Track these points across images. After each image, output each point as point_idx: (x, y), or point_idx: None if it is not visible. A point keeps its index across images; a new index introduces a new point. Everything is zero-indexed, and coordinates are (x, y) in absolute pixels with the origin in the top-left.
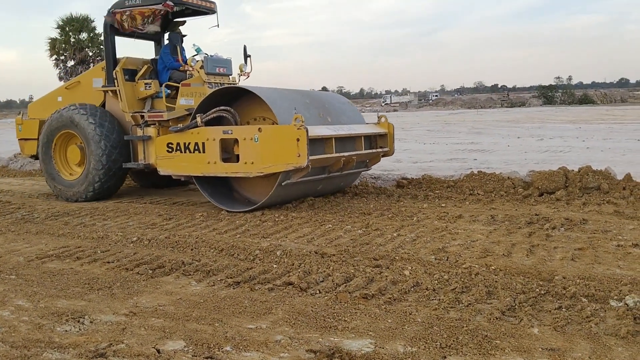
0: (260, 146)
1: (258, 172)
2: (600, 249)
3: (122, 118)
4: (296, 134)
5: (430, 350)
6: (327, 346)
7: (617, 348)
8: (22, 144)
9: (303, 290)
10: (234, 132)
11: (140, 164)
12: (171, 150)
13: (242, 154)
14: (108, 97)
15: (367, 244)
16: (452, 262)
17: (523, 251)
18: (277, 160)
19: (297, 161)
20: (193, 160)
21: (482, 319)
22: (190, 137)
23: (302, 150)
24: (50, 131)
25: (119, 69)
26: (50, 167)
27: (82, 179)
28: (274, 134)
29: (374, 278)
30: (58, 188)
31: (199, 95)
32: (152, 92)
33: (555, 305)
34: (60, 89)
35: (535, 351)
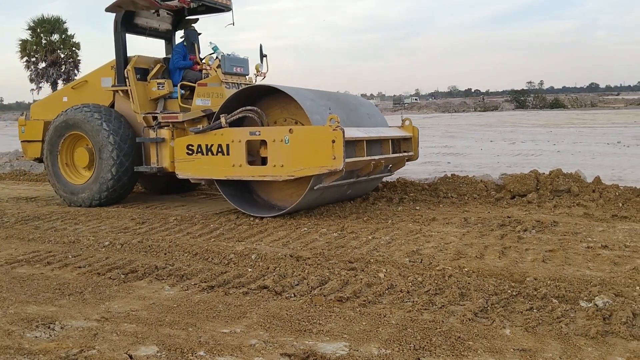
0: (291, 148)
1: (288, 175)
2: (571, 251)
3: (133, 119)
4: (331, 135)
5: (404, 352)
6: (302, 349)
7: (587, 348)
8: (25, 147)
9: (278, 294)
10: (262, 133)
11: (153, 167)
12: (191, 153)
13: (271, 156)
14: (118, 97)
15: (342, 247)
16: (426, 264)
17: (495, 253)
18: (309, 163)
19: (332, 164)
20: (216, 163)
21: (455, 321)
22: (213, 138)
23: (337, 153)
24: (57, 133)
25: (131, 68)
26: (55, 171)
27: (90, 184)
28: (306, 135)
29: (349, 281)
30: (64, 193)
31: (216, 95)
32: (165, 93)
33: (527, 306)
34: (66, 89)
35: (507, 352)
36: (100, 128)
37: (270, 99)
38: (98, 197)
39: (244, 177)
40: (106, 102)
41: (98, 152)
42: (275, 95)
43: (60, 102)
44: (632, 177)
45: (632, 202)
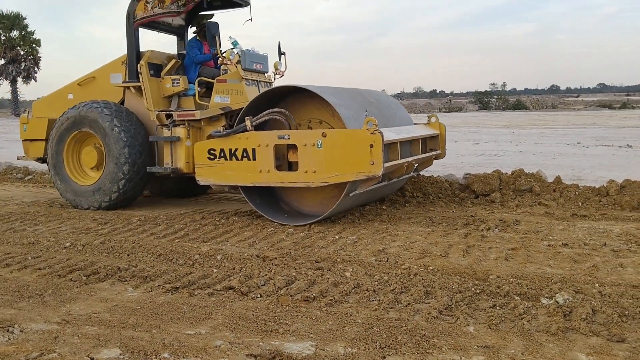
0: (325, 153)
1: (321, 182)
2: (532, 249)
3: (145, 117)
4: (369, 139)
5: (370, 351)
6: (268, 350)
7: (548, 344)
8: (27, 146)
9: (244, 295)
10: (292, 137)
11: (167, 168)
12: (213, 158)
13: (302, 161)
14: (129, 94)
15: (309, 246)
16: (392, 263)
17: (459, 252)
18: (345, 168)
19: (370, 170)
20: (241, 169)
21: (421, 319)
22: (238, 142)
23: (376, 158)
24: (63, 131)
25: (144, 63)
26: (61, 171)
27: (99, 185)
28: (342, 139)
29: (315, 280)
30: (70, 195)
31: (235, 92)
32: (180, 89)
33: (490, 303)
34: (71, 86)
35: (471, 349)
36: (111, 124)
37: (292, 99)
38: (108, 199)
39: (272, 184)
40: (115, 99)
41: (108, 150)
42: (297, 95)
43: (64, 100)
44: (591, 177)
45: (591, 201)
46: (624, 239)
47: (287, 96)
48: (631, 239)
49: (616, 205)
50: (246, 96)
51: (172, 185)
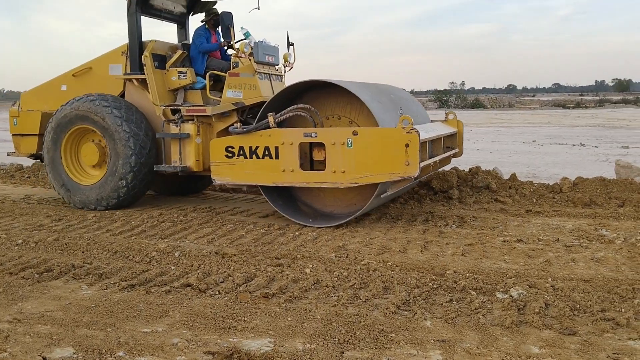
0: (355, 152)
1: (351, 182)
2: (488, 245)
3: (149, 112)
4: (405, 138)
5: (328, 347)
6: (226, 347)
7: (503, 338)
8: (18, 141)
9: (202, 292)
10: (320, 135)
11: (176, 167)
12: (231, 155)
13: (330, 160)
14: (130, 87)
15: (269, 243)
16: (352, 259)
17: (418, 247)
18: (377, 169)
19: (405, 171)
20: (262, 168)
21: (379, 314)
22: (259, 140)
23: (412, 158)
24: (60, 126)
25: (148, 54)
26: (58, 169)
27: (103, 183)
28: (374, 138)
29: (275, 277)
30: (69, 194)
31: (248, 87)
32: (187, 82)
33: (447, 298)
34: (65, 76)
35: (428, 343)
36: (116, 120)
37: (313, 94)
38: (116, 196)
39: (296, 184)
40: (114, 92)
41: (112, 144)
42: (319, 90)
43: (57, 91)
44: (545, 174)
45: (545, 198)
46: (576, 235)
47: (309, 91)
48: (583, 235)
49: (569, 202)
50: (259, 91)
51: (176, 183)
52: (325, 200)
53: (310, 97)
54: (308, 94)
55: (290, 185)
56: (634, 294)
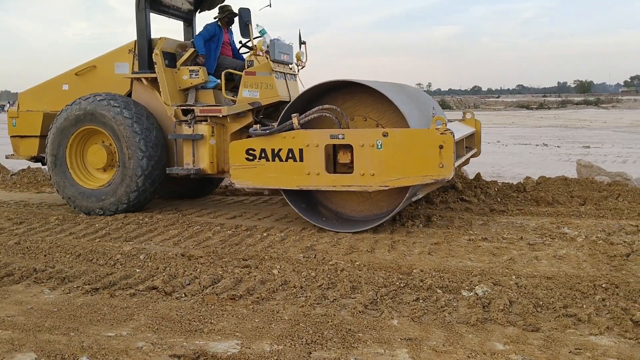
0: (385, 154)
1: (380, 185)
2: (454, 243)
3: (159, 112)
4: (439, 139)
5: (296, 347)
6: (192, 350)
7: (468, 335)
8: (17, 143)
9: (168, 294)
10: (347, 137)
11: (190, 169)
12: (252, 158)
13: (358, 163)
14: (138, 87)
15: (236, 244)
16: (320, 259)
17: (385, 247)
18: (409, 171)
19: (438, 173)
20: (285, 171)
21: (347, 314)
22: (282, 142)
23: (446, 160)
24: (65, 127)
25: (159, 52)
26: (63, 172)
27: (112, 187)
28: (406, 139)
29: (242, 278)
30: (74, 198)
31: (265, 86)
32: (199, 82)
33: (414, 297)
34: (66, 75)
35: (395, 341)
36: (121, 117)
37: (335, 94)
38: (126, 200)
39: (322, 187)
40: (119, 91)
41: (122, 147)
42: (341, 91)
43: (58, 91)
44: (510, 174)
45: (509, 197)
46: (539, 233)
47: (331, 92)
48: (546, 233)
49: (532, 200)
50: (276, 90)
51: (183, 186)
52: (346, 203)
53: (330, 97)
54: (328, 94)
55: (316, 188)
56: (595, 290)
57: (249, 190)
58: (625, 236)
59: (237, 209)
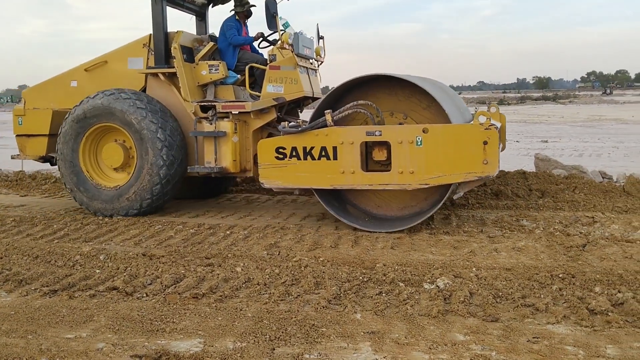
0: (425, 151)
1: (420, 183)
2: (416, 237)
3: (177, 108)
4: (483, 135)
5: (259, 344)
6: (154, 350)
7: (430, 327)
8: (23, 142)
9: (129, 295)
10: (384, 134)
11: (212, 167)
12: (283, 157)
13: (396, 160)
14: (153, 83)
15: (199, 243)
16: (284, 256)
17: (349, 242)
18: (450, 168)
19: (482, 170)
20: (318, 170)
21: (310, 309)
22: (315, 139)
23: (491, 156)
24: (78, 126)
25: (177, 46)
26: (77, 172)
27: (128, 188)
28: (448, 135)
29: (205, 277)
30: (87, 199)
31: (289, 81)
32: (219, 77)
33: (376, 291)
34: (75, 71)
35: (358, 335)
36: (146, 119)
37: (362, 89)
38: (138, 206)
39: (357, 186)
40: (134, 88)
41: (141, 149)
42: (366, 86)
43: (66, 87)
44: None
45: (470, 191)
46: (498, 226)
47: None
48: (505, 226)
49: (492, 194)
50: (301, 85)
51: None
52: (374, 202)
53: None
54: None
55: (351, 187)
56: (552, 281)
57: (277, 190)
58: (581, 227)
59: (200, 207)
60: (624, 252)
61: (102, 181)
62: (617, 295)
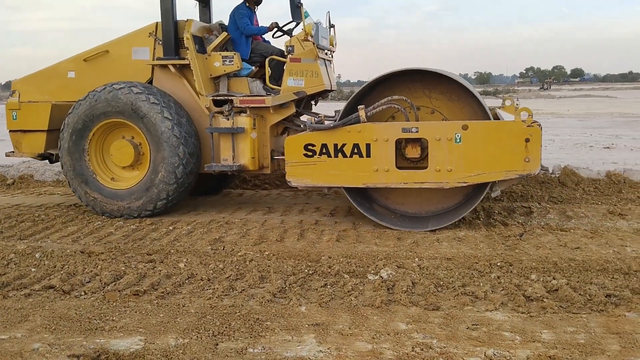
0: (465, 148)
1: (459, 182)
2: (362, 229)
3: (188, 103)
4: (525, 132)
5: (202, 340)
6: (92, 349)
7: (373, 317)
8: (18, 138)
9: (66, 293)
10: (421, 130)
11: (232, 165)
12: (312, 154)
13: (433, 158)
14: (161, 75)
15: (140, 239)
16: (228, 251)
17: (295, 236)
18: (490, 166)
19: (524, 167)
20: (350, 168)
21: (255, 303)
22: (347, 136)
23: (533, 154)
24: (85, 121)
25: (190, 36)
26: (82, 169)
27: (141, 188)
28: (488, 132)
29: (146, 274)
30: (94, 198)
31: (310, 74)
32: (233, 69)
33: (321, 283)
34: (72, 61)
35: (302, 328)
36: (161, 117)
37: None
38: (152, 207)
39: (391, 185)
40: (139, 79)
41: (155, 147)
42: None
43: (63, 79)
44: None
45: None
46: None
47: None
48: None
49: None
50: (322, 78)
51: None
52: (403, 200)
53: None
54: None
55: (384, 186)
56: (491, 269)
57: (302, 188)
58: (518, 217)
59: None
60: (559, 241)
61: (110, 180)
62: (552, 282)
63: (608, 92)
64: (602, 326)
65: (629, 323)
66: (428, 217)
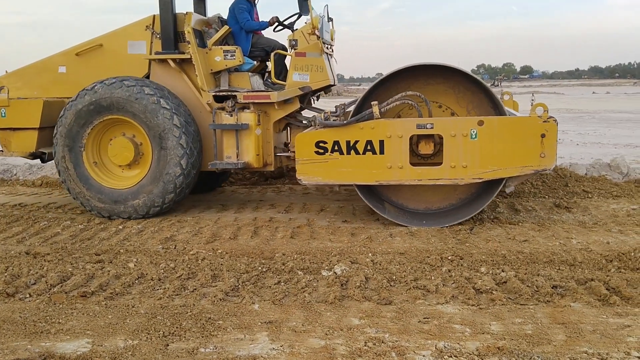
0: (480, 144)
1: (474, 178)
2: (316, 226)
3: (188, 99)
4: (541, 127)
5: (152, 341)
6: (38, 352)
7: (326, 313)
8: (8, 137)
9: (10, 296)
10: (436, 126)
11: (235, 163)
12: (324, 152)
13: (448, 154)
14: (158, 69)
15: (88, 239)
16: (180, 249)
17: (249, 233)
18: (506, 162)
19: (539, 163)
20: (363, 165)
21: (207, 302)
22: (360, 133)
23: (548, 150)
24: (81, 119)
25: (191, 29)
26: (81, 172)
27: (145, 185)
28: (504, 128)
29: (94, 274)
30: (99, 202)
31: (315, 69)
32: (235, 63)
33: (275, 280)
34: (65, 55)
35: (255, 326)
36: (159, 107)
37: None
38: (160, 203)
39: (405, 182)
40: (135, 74)
41: (157, 140)
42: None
43: (53, 74)
44: None
45: None
46: None
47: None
48: None
49: None
50: (326, 73)
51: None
52: (411, 197)
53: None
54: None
55: (398, 183)
56: (442, 263)
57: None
58: None
59: None
60: (508, 234)
61: (112, 181)
62: (500, 275)
63: (556, 89)
64: (549, 317)
65: (575, 313)
66: (439, 213)
